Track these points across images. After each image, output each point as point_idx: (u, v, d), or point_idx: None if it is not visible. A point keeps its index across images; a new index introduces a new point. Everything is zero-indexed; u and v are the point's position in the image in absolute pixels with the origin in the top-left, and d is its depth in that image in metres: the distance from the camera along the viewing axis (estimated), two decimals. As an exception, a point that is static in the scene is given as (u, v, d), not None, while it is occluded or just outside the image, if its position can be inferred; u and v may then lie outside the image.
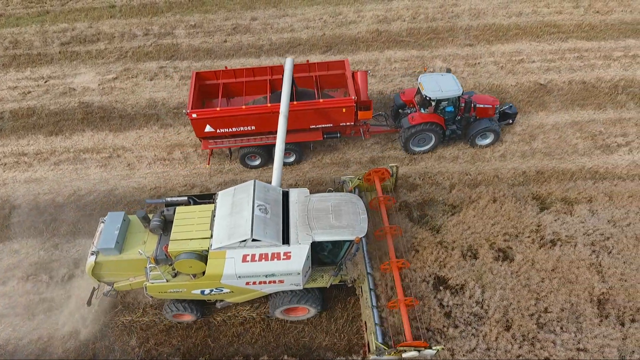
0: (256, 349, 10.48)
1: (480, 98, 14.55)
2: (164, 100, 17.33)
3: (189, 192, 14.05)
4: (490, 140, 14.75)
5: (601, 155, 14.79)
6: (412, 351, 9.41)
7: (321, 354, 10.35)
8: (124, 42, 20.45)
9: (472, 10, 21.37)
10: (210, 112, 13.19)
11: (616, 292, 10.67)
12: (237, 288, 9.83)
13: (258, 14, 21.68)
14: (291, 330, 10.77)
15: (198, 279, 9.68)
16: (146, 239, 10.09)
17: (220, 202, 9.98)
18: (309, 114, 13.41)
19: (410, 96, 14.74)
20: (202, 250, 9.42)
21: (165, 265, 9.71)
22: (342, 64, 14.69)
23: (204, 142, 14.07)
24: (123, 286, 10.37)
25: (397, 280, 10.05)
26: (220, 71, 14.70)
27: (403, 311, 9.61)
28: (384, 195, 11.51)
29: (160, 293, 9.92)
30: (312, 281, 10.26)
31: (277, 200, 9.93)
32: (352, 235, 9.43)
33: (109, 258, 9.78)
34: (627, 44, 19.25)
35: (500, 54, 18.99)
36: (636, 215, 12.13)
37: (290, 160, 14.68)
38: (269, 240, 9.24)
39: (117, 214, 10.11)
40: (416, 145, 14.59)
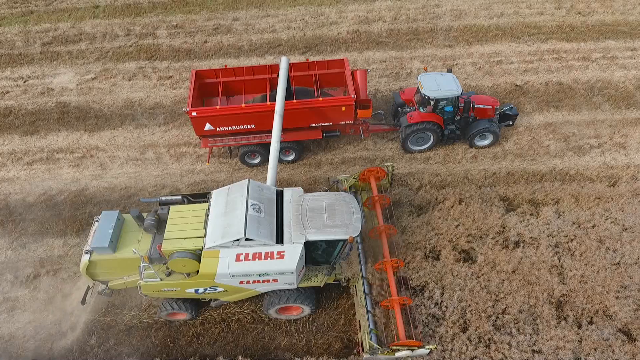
0: (215, 349, 10.50)
1: (480, 98, 14.51)
2: (140, 101, 17.38)
3: (160, 192, 14.10)
4: (490, 141, 14.64)
5: (573, 157, 14.74)
6: (405, 350, 9.44)
7: (279, 354, 10.37)
8: (105, 43, 20.52)
9: (454, 11, 21.37)
10: (209, 111, 13.21)
11: (576, 294, 10.64)
12: (231, 287, 9.84)
13: (240, 15, 21.72)
14: (250, 330, 10.80)
15: (192, 278, 9.69)
16: (140, 238, 10.10)
17: (214, 201, 10.00)
18: (308, 113, 13.42)
19: (409, 95, 14.72)
20: (195, 250, 9.45)
21: (159, 264, 9.72)
22: (341, 62, 14.68)
23: (203, 140, 14.09)
24: (117, 285, 10.38)
25: (391, 280, 10.04)
26: (220, 69, 14.75)
27: (397, 310, 9.61)
28: (378, 195, 11.48)
29: (154, 292, 9.94)
30: (306, 280, 10.27)
31: (271, 200, 9.94)
32: (346, 235, 9.41)
33: (103, 257, 9.80)
34: (606, 45, 19.21)
35: (478, 55, 18.98)
36: (601, 217, 12.12)
37: (290, 159, 14.72)
38: (263, 240, 9.25)
39: (111, 213, 10.14)
40: (414, 144, 14.55)
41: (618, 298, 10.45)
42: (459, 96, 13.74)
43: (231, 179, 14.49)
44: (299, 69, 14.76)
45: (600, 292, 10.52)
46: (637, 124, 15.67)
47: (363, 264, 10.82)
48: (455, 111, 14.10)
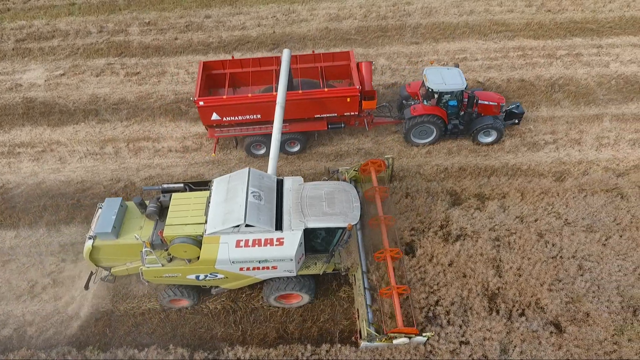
0: (153, 339, 10.68)
1: (485, 95, 14.56)
2: (105, 96, 17.57)
3: (114, 186, 14.32)
4: (493, 138, 14.58)
5: (527, 152, 14.82)
6: (403, 337, 9.58)
7: (215, 344, 10.53)
8: (77, 39, 20.73)
9: (424, 9, 21.44)
10: (216, 100, 13.40)
11: (510, 286, 10.72)
12: (232, 274, 9.98)
13: (213, 12, 21.88)
14: (189, 321, 10.95)
15: (193, 263, 9.83)
16: (143, 224, 10.26)
17: (216, 189, 10.16)
18: (313, 104, 13.55)
19: (415, 88, 14.79)
20: (196, 235, 9.60)
21: (160, 250, 9.90)
22: (347, 54, 14.81)
23: (210, 130, 14.32)
24: (120, 271, 10.53)
25: (390, 269, 10.17)
26: (227, 61, 14.94)
27: (395, 298, 9.73)
28: (379, 186, 11.60)
29: (155, 278, 10.11)
30: (306, 268, 10.41)
31: (271, 188, 10.09)
32: (344, 223, 9.52)
33: (106, 242, 9.98)
34: (572, 43, 19.24)
35: (444, 52, 19.06)
36: (544, 212, 12.20)
37: (295, 150, 14.86)
38: (262, 226, 9.37)
39: (114, 200, 10.36)
40: (417, 137, 14.60)
41: (551, 291, 10.54)
42: (463, 91, 13.74)
43: (187, 173, 14.74)
44: (304, 61, 14.89)
45: (534, 285, 10.61)
46: (593, 120, 15.75)
47: (362, 253, 10.88)
48: (459, 106, 14.12)
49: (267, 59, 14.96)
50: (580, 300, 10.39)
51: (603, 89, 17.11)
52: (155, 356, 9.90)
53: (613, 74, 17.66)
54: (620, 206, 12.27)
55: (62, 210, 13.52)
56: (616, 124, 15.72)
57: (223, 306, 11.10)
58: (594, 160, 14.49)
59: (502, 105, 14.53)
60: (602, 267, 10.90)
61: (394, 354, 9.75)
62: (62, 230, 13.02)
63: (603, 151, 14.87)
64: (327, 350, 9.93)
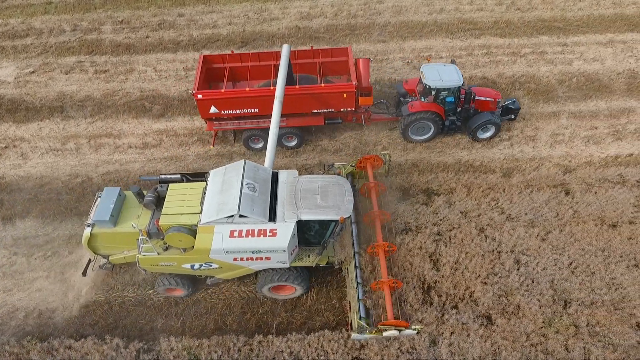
0: (95, 330, 10.88)
1: (482, 91, 14.67)
2: (72, 93, 17.79)
3: (72, 181, 14.52)
4: (491, 133, 14.74)
5: (481, 149, 14.94)
6: (393, 330, 9.74)
7: (154, 335, 10.70)
8: (51, 38, 20.97)
9: (395, 7, 21.58)
10: (215, 94, 13.65)
11: (445, 279, 10.85)
12: (226, 264, 10.17)
13: (186, 11, 22.08)
14: (132, 313, 11.15)
15: (188, 253, 10.02)
16: (140, 213, 10.50)
17: (212, 180, 10.39)
18: (310, 99, 13.72)
19: (412, 85, 14.89)
20: (191, 225, 9.78)
21: (157, 239, 10.12)
22: (345, 51, 14.95)
23: (208, 123, 14.53)
24: (118, 259, 10.77)
25: (383, 263, 10.34)
26: (227, 55, 15.16)
27: (386, 292, 9.89)
28: (374, 182, 11.80)
29: (151, 266, 10.32)
30: (299, 260, 10.57)
31: (266, 180, 10.31)
32: (337, 215, 9.67)
33: (104, 230, 10.21)
34: (538, 41, 19.34)
35: (410, 50, 19.19)
36: (488, 207, 12.32)
37: (292, 144, 15.03)
38: (256, 217, 9.55)
39: (113, 189, 10.63)
40: (415, 133, 14.73)
41: (486, 284, 10.67)
42: (460, 87, 13.87)
43: (144, 169, 14.93)
44: (303, 57, 15.09)
45: (469, 278, 10.74)
46: (550, 117, 15.86)
47: (356, 247, 11.00)
48: (456, 102, 14.24)
49: (267, 54, 15.19)
50: (512, 294, 10.52)
51: (564, 86, 17.21)
52: (91, 346, 10.10)
53: (575, 71, 17.75)
54: (563, 202, 12.40)
55: (18, 204, 13.74)
56: (573, 121, 15.83)
57: (166, 298, 11.32)
58: (547, 157, 14.60)
59: (499, 101, 14.65)
60: (538, 261, 11.01)
61: (323, 345, 9.97)
62: (16, 224, 13.23)
63: (557, 148, 14.98)
64: (260, 342, 10.09)
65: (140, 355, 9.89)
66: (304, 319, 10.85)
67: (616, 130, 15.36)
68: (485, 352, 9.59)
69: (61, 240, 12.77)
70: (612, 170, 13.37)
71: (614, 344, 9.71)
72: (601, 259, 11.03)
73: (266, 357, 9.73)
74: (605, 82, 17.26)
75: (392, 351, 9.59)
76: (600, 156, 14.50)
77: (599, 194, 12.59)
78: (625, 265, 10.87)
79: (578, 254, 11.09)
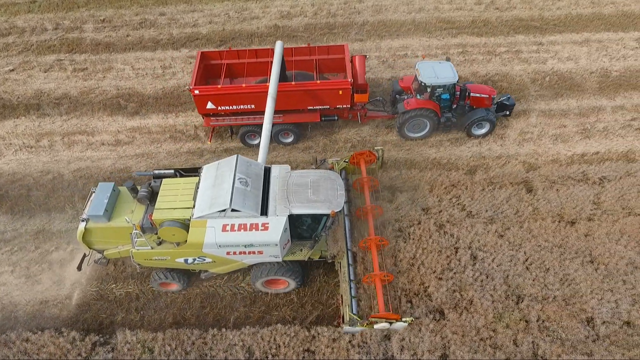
0: (57, 323, 11.00)
1: (476, 87, 14.80)
2: (50, 91, 17.95)
3: (43, 177, 14.68)
4: (486, 130, 14.88)
5: (450, 147, 15.04)
6: (384, 322, 9.87)
7: (115, 328, 10.81)
8: (33, 36, 21.12)
9: (375, 7, 21.69)
10: (211, 89, 13.81)
11: (401, 275, 10.99)
12: (219, 258, 10.25)
13: (168, 10, 22.21)
14: (93, 307, 11.30)
15: (181, 247, 10.11)
16: (134, 208, 10.60)
17: (205, 175, 10.54)
18: (306, 95, 13.86)
19: (408, 83, 15.03)
20: (184, 219, 9.90)
21: (150, 233, 10.24)
22: (341, 48, 15.11)
23: (206, 119, 14.68)
24: (112, 254, 10.88)
25: (374, 256, 10.47)
26: (224, 51, 15.33)
27: (377, 285, 10.02)
28: (367, 177, 11.97)
29: (146, 260, 10.42)
30: (291, 254, 10.68)
31: (258, 175, 10.44)
32: (328, 209, 9.80)
33: (98, 225, 10.29)
34: (515, 40, 19.42)
35: (386, 49, 19.31)
36: (449, 203, 12.43)
37: (289, 140, 15.17)
38: (248, 211, 9.66)
39: (107, 184, 10.74)
40: (411, 131, 14.85)
41: (441, 279, 10.78)
42: (455, 84, 14.01)
43: (115, 166, 15.06)
44: (300, 54, 15.25)
45: (425, 274, 10.86)
46: (520, 116, 15.93)
47: (349, 241, 11.12)
48: (451, 99, 14.38)
49: (264, 51, 15.32)
50: (466, 289, 10.63)
51: (536, 85, 17.30)
52: (48, 339, 10.25)
53: (548, 70, 17.85)
54: (524, 199, 12.49)
55: (-12, 200, 14.04)
56: (542, 119, 15.93)
57: (127, 293, 11.47)
58: (514, 154, 14.69)
59: (494, 97, 14.79)
60: (494, 257, 11.12)
61: (276, 338, 10.10)
62: (-15, 219, 13.53)
63: (525, 146, 15.07)
64: (214, 335, 10.23)
65: (95, 348, 10.07)
66: (261, 314, 10.99)
67: (585, 129, 15.45)
68: (434, 346, 9.70)
69: (29, 235, 12.94)
70: (575, 167, 13.48)
71: (562, 339, 9.80)
72: (557, 255, 11.13)
73: (218, 350, 9.90)
74: (577, 81, 17.35)
75: (342, 344, 9.74)
76: (567, 154, 14.58)
77: (560, 191, 12.69)
78: (579, 261, 10.96)
79: (534, 250, 11.19)
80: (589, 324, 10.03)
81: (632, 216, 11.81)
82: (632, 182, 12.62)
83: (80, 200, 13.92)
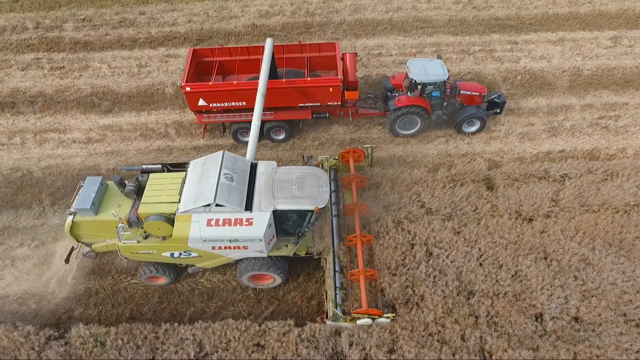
0: (16, 317, 11.06)
1: (467, 85, 14.98)
2: (26, 89, 18.10)
3: (13, 174, 14.82)
4: (477, 127, 15.01)
5: (417, 145, 15.15)
6: (366, 318, 9.99)
7: (70, 323, 10.87)
8: (13, 35, 21.26)
9: (353, 6, 21.76)
10: (203, 86, 13.97)
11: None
12: (205, 252, 10.38)
13: (148, 9, 22.32)
14: (52, 302, 11.35)
15: (167, 241, 10.24)
16: (121, 202, 10.76)
17: (191, 170, 10.69)
18: (296, 92, 14.00)
19: (399, 80, 15.14)
20: (170, 214, 10.04)
21: (137, 227, 10.37)
22: (332, 46, 15.23)
23: (198, 116, 14.82)
24: (100, 247, 11.03)
25: (360, 253, 10.59)
26: (216, 49, 15.46)
27: (362, 281, 10.14)
28: (355, 174, 12.11)
29: (132, 254, 10.60)
30: (277, 250, 10.77)
31: (244, 170, 10.58)
32: (312, 205, 9.95)
33: (86, 218, 10.44)
34: (489, 39, 19.49)
35: (362, 48, 19.38)
36: (409, 200, 12.48)
37: (280, 138, 15.30)
38: (232, 206, 9.81)
39: (95, 178, 10.87)
40: (402, 128, 14.96)
41: (395, 275, 10.86)
42: (446, 81, 14.13)
43: (84, 163, 15.18)
44: (291, 51, 15.36)
45: (379, 270, 10.91)
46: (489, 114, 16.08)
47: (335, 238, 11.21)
48: (442, 96, 14.50)
49: (256, 48, 15.42)
50: (418, 285, 10.70)
51: (507, 83, 17.36)
52: (2, 333, 10.36)
53: (521, 69, 17.93)
54: (484, 196, 12.55)
55: (-44, 196, 14.18)
56: (510, 117, 16.00)
57: (87, 288, 11.63)
58: (480, 152, 14.79)
59: (485, 95, 14.92)
60: (448, 253, 11.18)
61: (227, 332, 10.22)
62: (-47, 215, 13.67)
63: (491, 144, 15.16)
64: (166, 330, 10.34)
65: (48, 342, 10.19)
66: (217, 309, 11.13)
67: (552, 127, 15.53)
68: (383, 341, 9.80)
69: (-7, 231, 13.19)
70: (538, 165, 13.54)
71: (509, 334, 9.88)
72: (511, 251, 11.19)
73: (170, 345, 10.00)
74: (549, 79, 17.42)
75: (291, 338, 9.84)
76: (532, 152, 14.67)
77: (520, 188, 12.75)
78: (533, 257, 11.03)
79: (489, 247, 11.26)
80: (537, 319, 10.11)
81: (589, 213, 11.91)
82: (592, 180, 12.70)
83: (47, 197, 14.12)
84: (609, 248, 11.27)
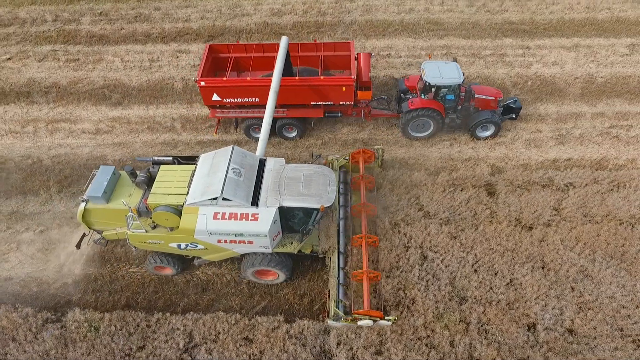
0: (19, 299, 11.37)
1: (482, 89, 14.80)
2: (41, 80, 18.61)
3: (24, 162, 15.25)
4: (491, 132, 14.83)
5: (420, 147, 14.93)
6: (367, 319, 10.04)
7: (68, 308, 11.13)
8: (33, 27, 21.90)
9: (365, 6, 21.74)
10: (217, 81, 14.20)
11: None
12: (210, 245, 10.58)
13: (163, 5, 22.71)
14: (52, 286, 11.62)
15: (174, 232, 10.49)
16: (132, 192, 10.99)
17: (201, 164, 10.89)
18: (309, 90, 14.11)
19: (414, 82, 15.10)
20: (178, 205, 10.26)
21: (146, 217, 10.62)
22: (347, 45, 15.28)
23: (211, 110, 15.12)
24: (110, 235, 11.33)
25: (365, 253, 10.66)
26: (232, 45, 15.71)
27: (365, 282, 10.19)
28: (364, 175, 12.18)
29: (140, 243, 10.86)
30: (282, 246, 10.95)
31: (252, 166, 10.77)
32: (318, 204, 10.01)
33: (97, 206, 10.72)
34: (501, 43, 19.21)
35: (371, 49, 19.31)
36: (407, 203, 12.33)
37: (292, 135, 15.47)
38: (239, 201, 9.97)
39: (108, 168, 11.13)
40: (415, 130, 14.90)
41: (389, 277, 10.83)
42: (460, 85, 14.03)
43: (92, 153, 15.44)
44: (306, 50, 15.49)
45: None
46: (495, 119, 15.84)
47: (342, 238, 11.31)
48: (456, 100, 14.40)
49: (271, 46, 15.56)
50: (410, 288, 10.65)
51: (517, 89, 17.09)
52: (2, 313, 10.74)
53: (532, 75, 17.62)
54: (483, 202, 12.40)
55: (-32, 182, 14.68)
56: (518, 123, 15.70)
57: (86, 274, 11.91)
58: (484, 157, 14.59)
59: (500, 100, 14.72)
60: (443, 257, 11.10)
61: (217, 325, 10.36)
62: (-36, 200, 14.15)
63: (496, 149, 14.94)
64: (158, 319, 10.55)
65: (45, 324, 10.50)
66: (210, 301, 11.27)
67: (560, 135, 15.22)
68: (370, 342, 9.78)
69: (2, 215, 13.50)
70: (542, 172, 13.30)
71: (500, 342, 9.73)
72: (507, 259, 11.03)
73: (160, 334, 10.18)
74: (560, 86, 17.09)
75: (279, 334, 9.90)
76: (538, 159, 14.40)
77: (522, 195, 12.55)
78: (530, 266, 10.85)
79: (485, 253, 11.13)
80: (529, 329, 9.94)
81: (591, 224, 11.66)
82: (597, 190, 12.42)
83: (55, 184, 14.50)
84: (609, 260, 11.02)
